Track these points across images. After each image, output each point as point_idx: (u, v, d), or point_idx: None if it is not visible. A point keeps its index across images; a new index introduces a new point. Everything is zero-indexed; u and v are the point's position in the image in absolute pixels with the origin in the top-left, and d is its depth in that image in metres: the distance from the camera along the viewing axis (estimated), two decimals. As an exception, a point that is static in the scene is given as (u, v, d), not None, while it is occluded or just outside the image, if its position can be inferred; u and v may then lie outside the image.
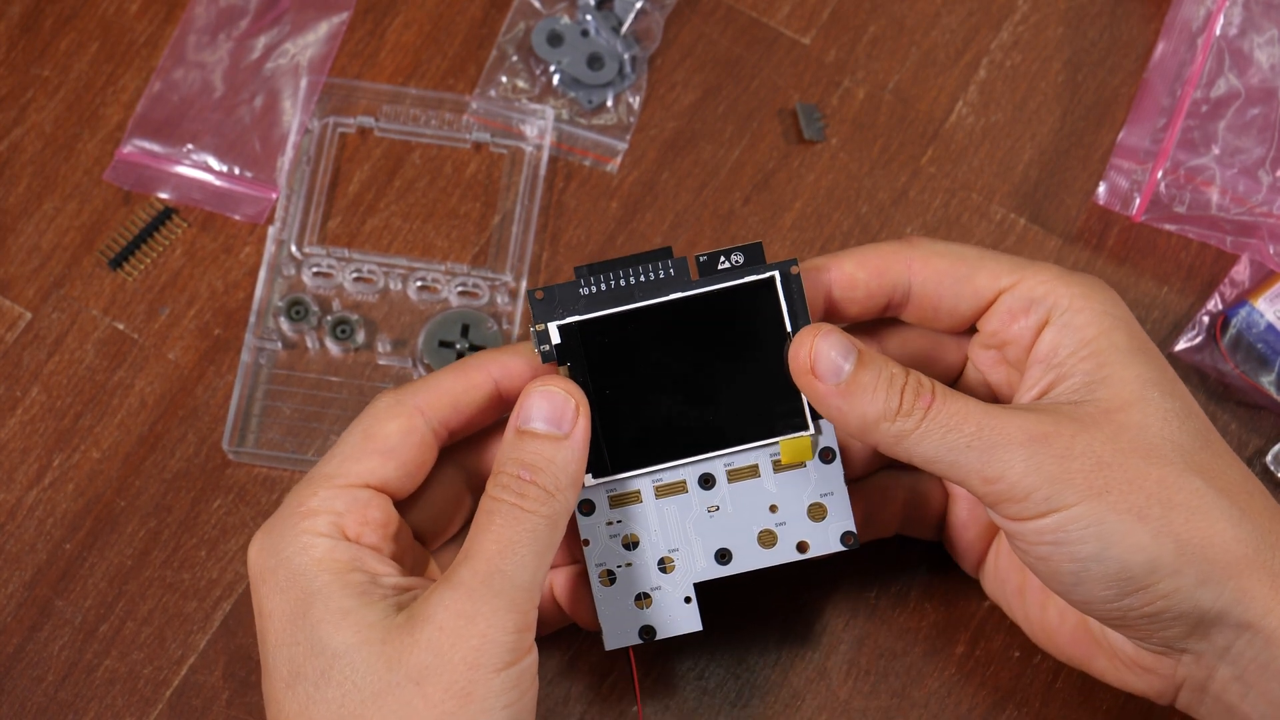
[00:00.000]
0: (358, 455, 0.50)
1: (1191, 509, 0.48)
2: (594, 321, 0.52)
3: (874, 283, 0.53)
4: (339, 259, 0.62)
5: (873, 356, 0.50)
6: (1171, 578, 0.48)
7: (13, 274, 0.63)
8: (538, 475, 0.49)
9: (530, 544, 0.48)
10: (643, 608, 0.54)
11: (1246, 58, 0.64)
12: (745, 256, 0.53)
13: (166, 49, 0.65)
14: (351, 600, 0.48)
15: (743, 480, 0.54)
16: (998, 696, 0.58)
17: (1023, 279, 0.52)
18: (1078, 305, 0.51)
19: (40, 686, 0.57)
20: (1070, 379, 0.50)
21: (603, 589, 0.53)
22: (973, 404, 0.49)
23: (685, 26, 0.67)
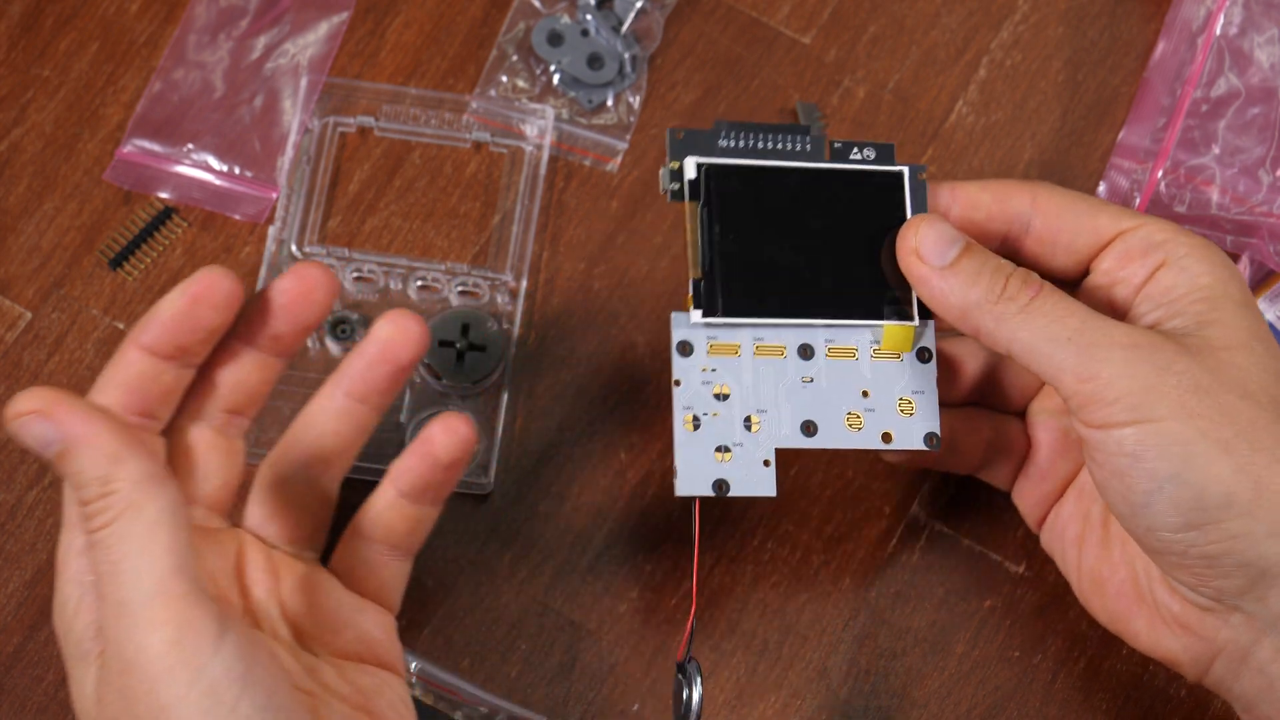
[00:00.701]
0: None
1: (1276, 456, 0.47)
2: (730, 168, 0.53)
3: (996, 207, 0.53)
4: (339, 259, 0.62)
5: (980, 248, 0.51)
6: (1244, 518, 0.47)
7: (13, 274, 0.63)
8: (81, 492, 0.44)
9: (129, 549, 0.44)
10: (721, 461, 0.53)
11: (1247, 57, 0.64)
12: (877, 153, 0.55)
13: (166, 49, 0.65)
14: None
15: (840, 359, 0.54)
16: (998, 697, 0.58)
17: (1144, 224, 0.52)
18: (1198, 254, 0.51)
19: (40, 686, 0.57)
20: (1179, 317, 0.50)
21: (685, 433, 0.52)
22: (1079, 303, 0.49)
23: (685, 26, 0.67)
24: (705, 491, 0.52)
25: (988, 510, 0.60)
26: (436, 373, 0.60)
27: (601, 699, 0.58)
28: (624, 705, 0.58)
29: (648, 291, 0.63)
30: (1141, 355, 0.48)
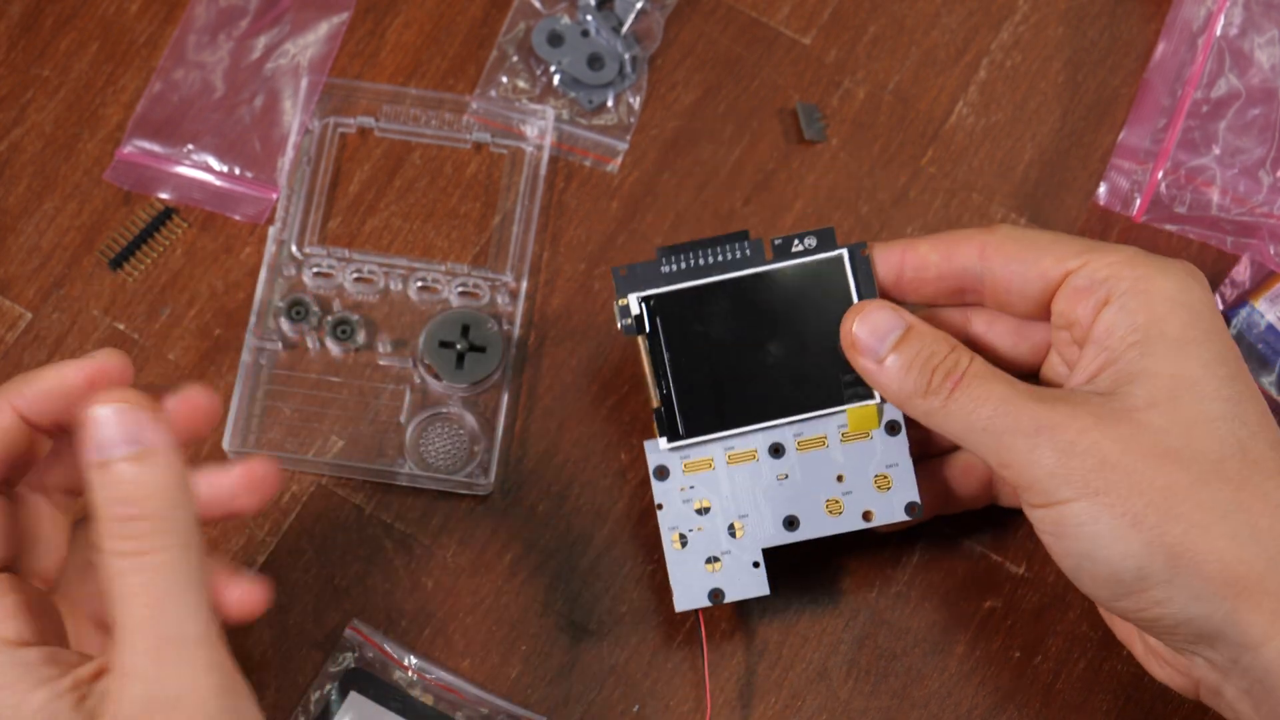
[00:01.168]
0: None
1: (1192, 522, 0.47)
2: (670, 295, 0.56)
3: (944, 265, 0.54)
4: (339, 259, 0.62)
5: (918, 333, 0.52)
6: (1163, 587, 0.47)
7: (13, 274, 0.63)
8: (143, 506, 0.42)
9: (180, 585, 0.42)
10: (712, 571, 0.55)
11: (1247, 58, 0.64)
12: (818, 240, 0.56)
13: (166, 49, 0.65)
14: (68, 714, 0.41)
15: (811, 450, 0.56)
16: (998, 697, 0.58)
17: (1089, 261, 0.51)
18: (1139, 288, 0.50)
19: (41, 687, 0.57)
20: (1115, 365, 0.50)
21: (675, 552, 0.55)
22: (999, 387, 0.50)
23: (685, 26, 0.67)
24: (702, 603, 0.55)
25: (988, 511, 0.60)
26: (437, 374, 0.60)
27: (601, 699, 0.58)
28: (624, 706, 0.58)
29: (648, 292, 0.63)
30: (1044, 440, 0.48)
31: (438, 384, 0.60)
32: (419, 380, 0.61)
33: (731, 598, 0.55)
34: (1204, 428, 0.48)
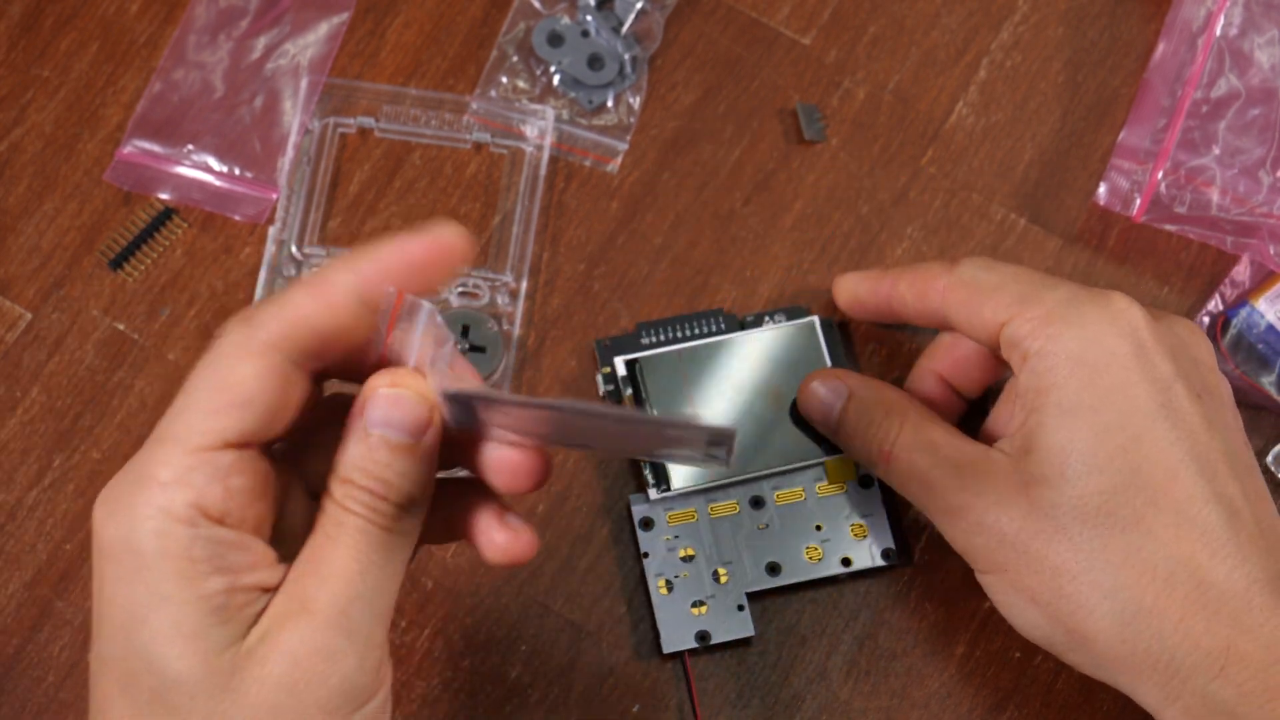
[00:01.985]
0: (214, 409, 0.43)
1: (1078, 602, 0.49)
2: (655, 357, 0.59)
3: (919, 304, 0.56)
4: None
5: (855, 400, 0.56)
6: (1069, 654, 0.50)
7: (13, 274, 0.63)
8: (390, 490, 0.43)
9: (387, 564, 0.44)
10: (698, 614, 0.58)
11: (1247, 58, 0.64)
12: (788, 316, 0.61)
13: (166, 49, 0.65)
14: (205, 619, 0.42)
15: (790, 502, 0.59)
16: (998, 697, 0.58)
17: (1017, 314, 0.52)
18: (1047, 349, 0.50)
19: (40, 687, 0.57)
20: (1023, 429, 0.51)
21: (661, 597, 0.58)
22: (922, 460, 0.53)
23: (685, 26, 0.67)
24: (689, 645, 0.57)
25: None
26: (437, 373, 0.60)
27: (601, 699, 0.58)
28: (624, 706, 0.58)
29: (648, 292, 0.63)
30: (955, 521, 0.52)
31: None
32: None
33: (718, 639, 0.57)
34: (1094, 501, 0.48)
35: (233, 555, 0.42)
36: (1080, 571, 0.48)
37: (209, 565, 0.42)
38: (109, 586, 0.42)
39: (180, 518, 0.42)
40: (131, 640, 0.42)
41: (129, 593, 0.42)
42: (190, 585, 0.42)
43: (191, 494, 0.42)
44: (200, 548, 0.42)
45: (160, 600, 0.41)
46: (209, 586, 0.42)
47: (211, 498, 0.42)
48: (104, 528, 0.43)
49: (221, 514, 0.43)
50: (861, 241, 0.64)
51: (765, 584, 0.58)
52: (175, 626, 0.41)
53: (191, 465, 0.42)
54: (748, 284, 0.63)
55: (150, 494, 0.42)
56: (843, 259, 0.64)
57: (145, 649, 0.41)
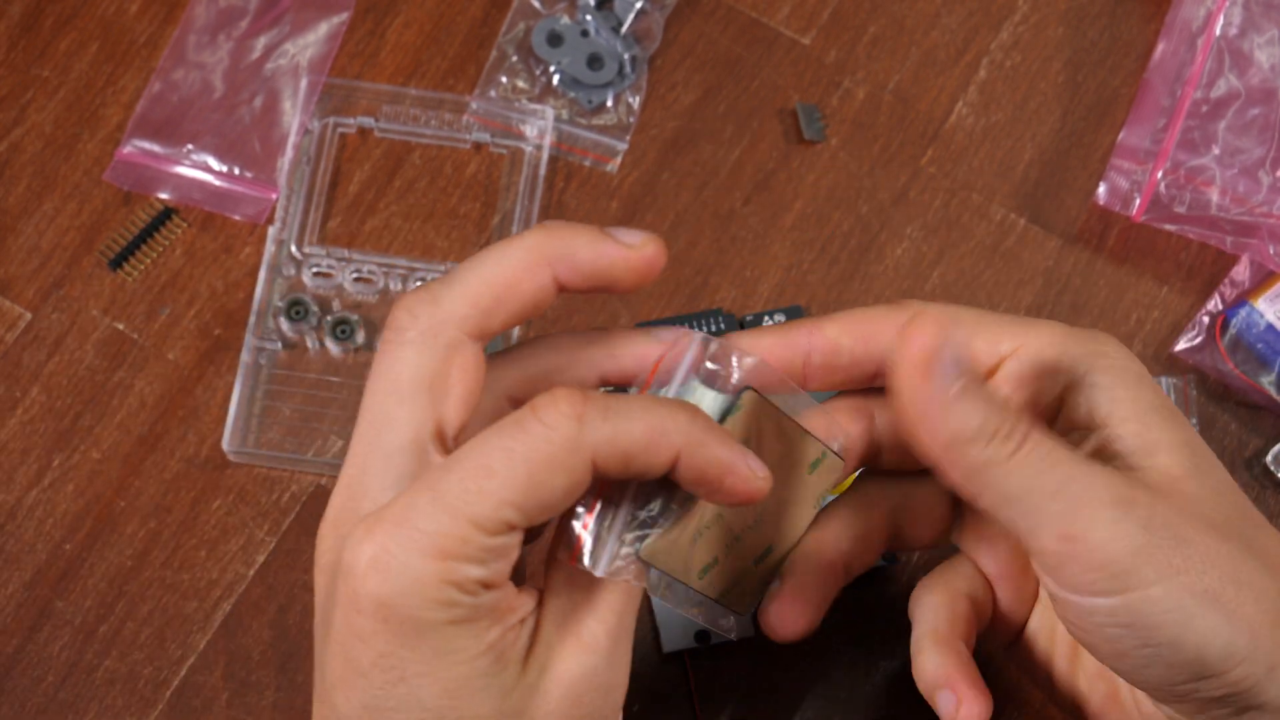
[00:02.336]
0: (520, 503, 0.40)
1: (1258, 591, 0.44)
2: None
3: (859, 349, 0.48)
4: (339, 259, 0.62)
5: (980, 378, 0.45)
6: (1245, 665, 0.43)
7: (13, 274, 0.63)
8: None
9: (639, 593, 0.44)
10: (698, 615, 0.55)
11: (1246, 58, 0.64)
12: (787, 316, 0.60)
13: (166, 49, 0.65)
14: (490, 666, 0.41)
15: None
16: (998, 697, 0.58)
17: (1026, 343, 0.47)
18: (1100, 364, 0.46)
19: (40, 687, 0.57)
20: (1119, 441, 0.46)
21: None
22: (1066, 448, 0.44)
23: (685, 26, 0.67)
24: (688, 645, 0.57)
25: (988, 511, 0.60)
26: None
27: (601, 699, 0.58)
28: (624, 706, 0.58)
29: (648, 292, 0.63)
30: (1128, 513, 0.43)
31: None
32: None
33: (718, 639, 0.57)
34: (1227, 495, 0.46)
35: (500, 606, 0.41)
36: (1246, 559, 0.44)
37: (487, 621, 0.41)
38: (378, 642, 0.40)
39: (467, 590, 0.40)
40: (418, 695, 0.40)
41: (405, 653, 0.40)
42: (474, 640, 0.41)
43: (482, 571, 0.40)
44: (482, 612, 0.41)
45: (443, 657, 0.40)
46: (489, 637, 0.41)
47: (497, 575, 0.41)
48: (366, 581, 0.40)
49: (498, 584, 0.41)
50: (861, 241, 0.64)
51: None
52: (465, 681, 0.40)
53: (485, 550, 0.40)
54: (747, 284, 0.63)
55: (437, 564, 0.40)
56: (842, 259, 0.64)
57: (437, 703, 0.40)
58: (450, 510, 0.40)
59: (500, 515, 0.40)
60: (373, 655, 0.40)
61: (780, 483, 0.45)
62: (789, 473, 0.46)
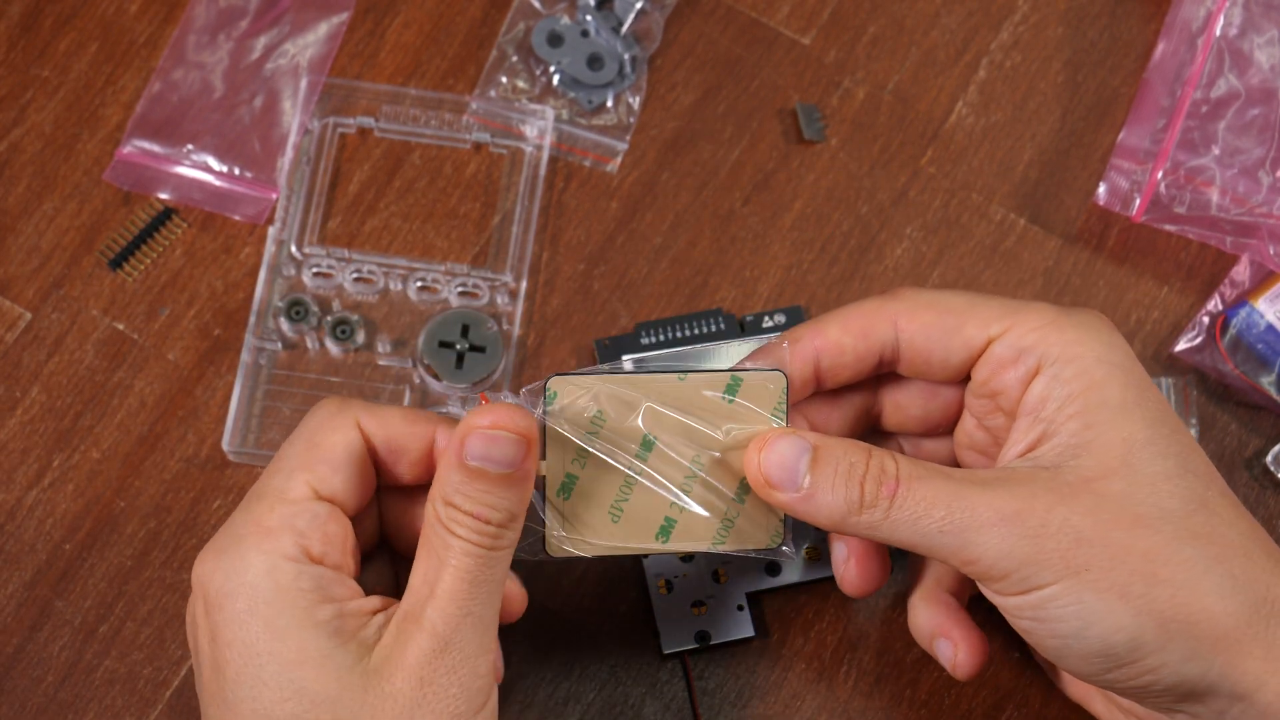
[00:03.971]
0: (306, 465, 0.49)
1: (1178, 584, 0.46)
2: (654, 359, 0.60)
3: (861, 345, 0.51)
4: (339, 259, 0.62)
5: (829, 450, 0.49)
6: (1156, 654, 0.47)
7: (13, 274, 0.63)
8: (493, 513, 0.47)
9: (491, 580, 0.47)
10: (698, 615, 0.57)
11: (1246, 58, 0.64)
12: (787, 317, 0.61)
13: (166, 49, 0.65)
14: (326, 641, 0.46)
15: None
16: (998, 697, 0.58)
17: (1013, 325, 0.50)
18: (1069, 354, 0.49)
19: (40, 687, 0.57)
20: (1056, 436, 0.48)
21: (660, 597, 0.57)
22: (941, 483, 0.47)
23: (685, 26, 0.67)
24: (689, 645, 0.57)
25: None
26: (436, 374, 0.60)
27: (602, 699, 0.58)
28: (624, 706, 0.58)
29: (648, 292, 0.63)
30: (1013, 528, 0.46)
31: (437, 384, 0.60)
32: (418, 380, 0.61)
33: (718, 639, 0.57)
34: (1164, 486, 0.47)
35: (334, 587, 0.47)
36: (1171, 553, 0.46)
37: (317, 595, 0.47)
38: (224, 632, 0.46)
39: (288, 555, 0.47)
40: (260, 674, 0.46)
41: (245, 634, 0.46)
42: (305, 614, 0.46)
43: (295, 536, 0.47)
44: (307, 580, 0.47)
45: (280, 632, 0.46)
46: (321, 613, 0.46)
47: (312, 539, 0.47)
48: (210, 580, 0.47)
49: (321, 556, 0.48)
50: (861, 241, 0.64)
51: (765, 584, 0.58)
52: (301, 652, 0.46)
53: (293, 512, 0.48)
54: (747, 284, 0.63)
55: (256, 540, 0.47)
56: (842, 259, 0.64)
57: (279, 678, 0.45)
58: (255, 495, 0.48)
59: (295, 480, 0.48)
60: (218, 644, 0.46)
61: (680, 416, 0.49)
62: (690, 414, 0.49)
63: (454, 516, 0.47)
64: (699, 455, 0.49)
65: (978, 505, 0.47)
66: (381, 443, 0.50)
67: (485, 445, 0.47)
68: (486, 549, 0.47)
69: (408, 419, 0.51)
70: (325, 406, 0.50)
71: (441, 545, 0.47)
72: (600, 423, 0.49)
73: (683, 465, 0.49)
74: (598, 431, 0.49)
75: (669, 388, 0.49)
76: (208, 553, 0.48)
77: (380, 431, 0.50)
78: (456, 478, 0.47)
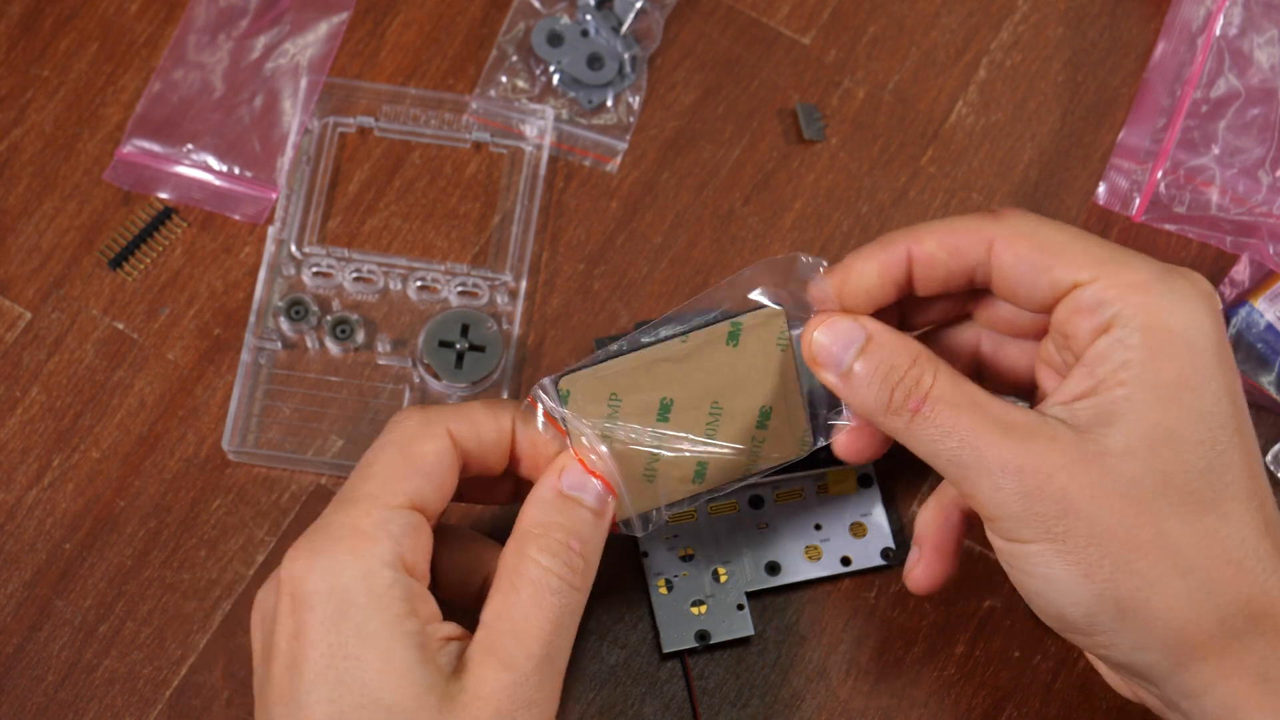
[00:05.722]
0: (402, 474, 0.48)
1: (1148, 579, 0.46)
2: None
3: (953, 263, 0.51)
4: (339, 259, 0.62)
5: (879, 344, 0.50)
6: (1108, 634, 0.47)
7: (13, 274, 0.63)
8: (584, 547, 0.48)
9: (572, 624, 0.48)
10: (698, 614, 0.57)
11: (1246, 58, 0.64)
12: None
13: (166, 49, 0.65)
14: (411, 654, 0.46)
15: (789, 501, 0.59)
16: (998, 697, 0.58)
17: (1101, 277, 0.48)
18: (1143, 321, 0.48)
19: (40, 686, 0.57)
20: (1097, 397, 0.48)
21: (661, 596, 0.58)
22: (965, 415, 0.48)
23: (685, 26, 0.67)
24: (689, 644, 0.57)
25: (987, 510, 0.60)
26: (436, 373, 0.60)
27: (601, 699, 0.58)
28: (623, 705, 0.58)
29: (648, 292, 0.63)
30: (1010, 481, 0.47)
31: (437, 383, 0.60)
32: (418, 380, 0.61)
33: (717, 638, 0.57)
34: (1179, 480, 0.47)
35: (420, 603, 0.47)
36: (1155, 548, 0.46)
37: (407, 606, 0.46)
38: (310, 631, 0.46)
39: (384, 560, 0.46)
40: (343, 677, 0.45)
41: (334, 636, 0.46)
42: (396, 623, 0.46)
43: (391, 541, 0.47)
44: (400, 590, 0.46)
45: (369, 637, 0.45)
46: (409, 625, 0.46)
47: (406, 548, 0.47)
48: (304, 579, 0.47)
49: (412, 565, 0.47)
50: (861, 241, 0.64)
51: (765, 583, 0.58)
52: (386, 661, 0.45)
53: (389, 518, 0.47)
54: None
55: (354, 543, 0.47)
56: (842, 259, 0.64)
57: (360, 684, 0.45)
58: (349, 498, 0.48)
59: (390, 488, 0.48)
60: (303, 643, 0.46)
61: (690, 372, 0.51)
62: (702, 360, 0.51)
63: (547, 546, 0.48)
64: (717, 401, 0.51)
65: (988, 450, 0.47)
66: (474, 442, 0.50)
67: (578, 476, 0.49)
68: (572, 587, 0.48)
69: (491, 411, 0.51)
70: (413, 415, 0.50)
71: (528, 579, 0.47)
72: (617, 403, 0.50)
73: (703, 414, 0.51)
74: (616, 412, 0.50)
75: (674, 351, 0.51)
76: (300, 551, 0.47)
77: (471, 432, 0.50)
78: (552, 504, 0.49)
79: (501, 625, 0.47)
